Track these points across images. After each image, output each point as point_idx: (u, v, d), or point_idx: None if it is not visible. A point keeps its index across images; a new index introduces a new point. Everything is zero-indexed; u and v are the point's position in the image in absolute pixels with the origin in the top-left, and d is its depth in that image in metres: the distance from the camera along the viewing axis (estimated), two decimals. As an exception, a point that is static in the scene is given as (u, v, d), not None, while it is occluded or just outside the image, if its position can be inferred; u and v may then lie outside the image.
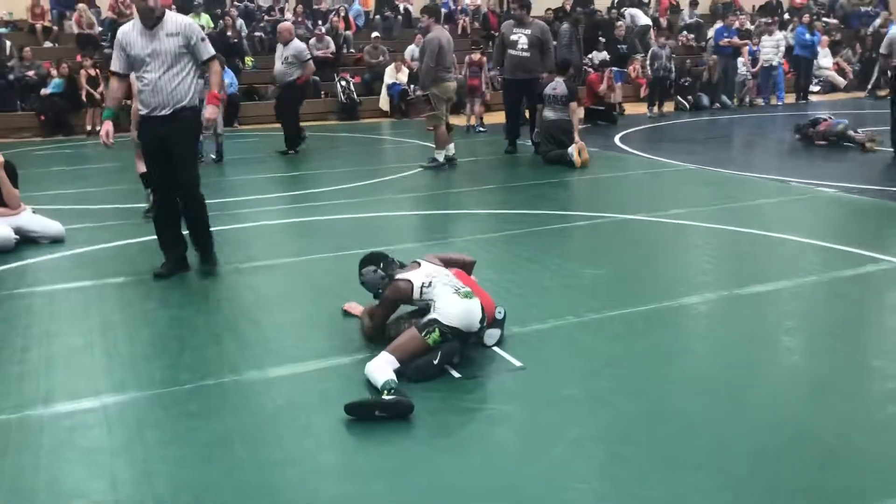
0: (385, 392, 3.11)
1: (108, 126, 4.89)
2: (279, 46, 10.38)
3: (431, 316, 3.48)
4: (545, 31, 9.79)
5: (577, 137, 9.09)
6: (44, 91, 13.35)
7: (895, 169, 8.46)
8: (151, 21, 4.73)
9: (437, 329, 3.41)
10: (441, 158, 8.95)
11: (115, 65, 4.88)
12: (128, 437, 3.01)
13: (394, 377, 3.21)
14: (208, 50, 4.91)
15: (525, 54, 9.58)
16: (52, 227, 5.95)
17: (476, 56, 12.81)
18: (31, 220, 5.93)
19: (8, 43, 14.36)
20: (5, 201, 5.93)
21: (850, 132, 9.78)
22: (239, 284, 4.93)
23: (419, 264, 3.78)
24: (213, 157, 9.65)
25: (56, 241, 5.85)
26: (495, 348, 3.71)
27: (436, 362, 3.39)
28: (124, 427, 3.08)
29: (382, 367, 3.29)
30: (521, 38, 9.60)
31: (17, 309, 4.50)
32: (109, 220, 6.62)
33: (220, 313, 4.42)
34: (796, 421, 3.02)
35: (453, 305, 3.48)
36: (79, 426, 3.10)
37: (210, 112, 4.97)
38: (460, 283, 3.65)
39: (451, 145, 9.07)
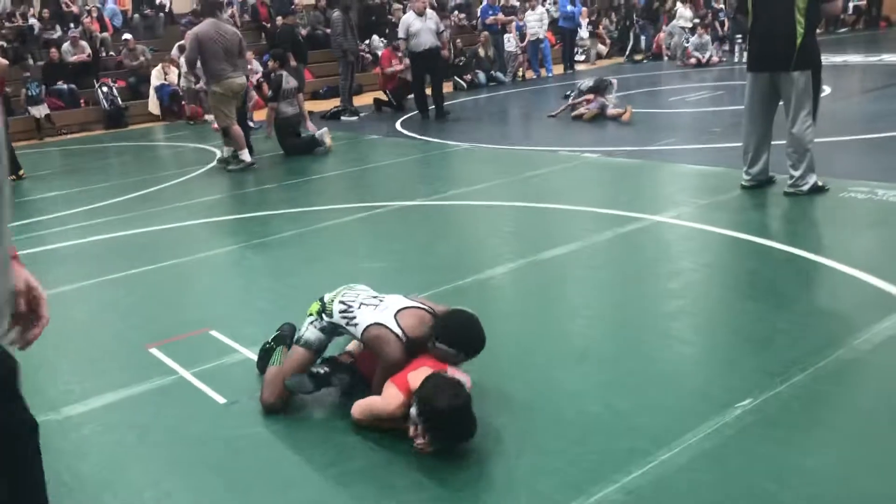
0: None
1: None
2: None
3: None
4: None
5: (310, 125, 9.58)
6: None
7: (642, 131, 9.08)
8: None
9: None
10: (247, 158, 8.46)
11: None
12: None
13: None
14: None
15: None
16: None
17: None
18: None
19: None
20: None
21: (608, 111, 10.07)
22: None
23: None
24: None
25: None
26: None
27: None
28: None
29: None
30: None
31: None
32: None
33: None
34: (567, 383, 3.08)
35: None
36: None
37: None
38: None
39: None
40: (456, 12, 19.33)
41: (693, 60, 15.85)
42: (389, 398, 2.72)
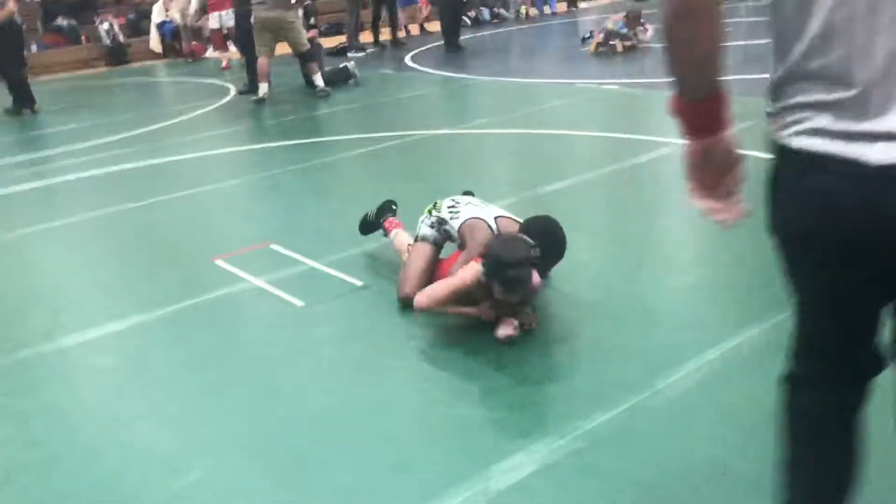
0: None
1: None
2: None
3: None
4: None
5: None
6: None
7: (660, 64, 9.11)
8: None
9: None
10: (262, 92, 8.46)
11: None
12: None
13: None
14: None
15: None
16: None
17: None
18: None
19: None
20: None
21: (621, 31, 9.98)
22: (38, 251, 4.50)
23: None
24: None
25: None
26: (333, 272, 3.67)
27: None
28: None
29: None
30: None
31: None
32: None
33: (23, 281, 4.01)
34: (627, 287, 3.27)
35: None
36: None
37: None
38: None
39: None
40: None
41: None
42: (465, 271, 2.91)
